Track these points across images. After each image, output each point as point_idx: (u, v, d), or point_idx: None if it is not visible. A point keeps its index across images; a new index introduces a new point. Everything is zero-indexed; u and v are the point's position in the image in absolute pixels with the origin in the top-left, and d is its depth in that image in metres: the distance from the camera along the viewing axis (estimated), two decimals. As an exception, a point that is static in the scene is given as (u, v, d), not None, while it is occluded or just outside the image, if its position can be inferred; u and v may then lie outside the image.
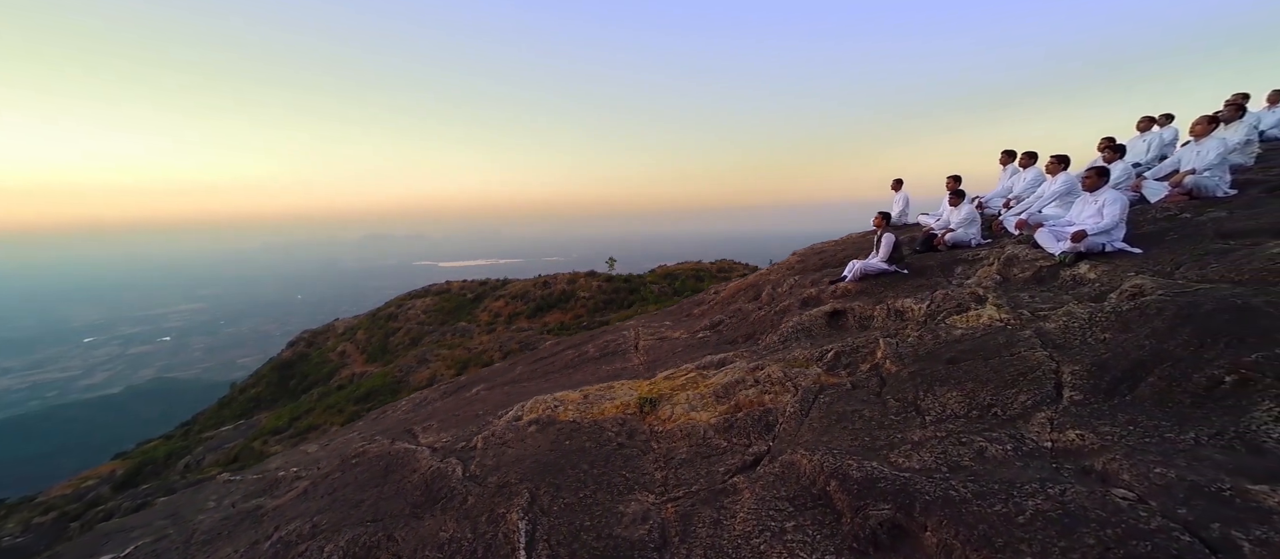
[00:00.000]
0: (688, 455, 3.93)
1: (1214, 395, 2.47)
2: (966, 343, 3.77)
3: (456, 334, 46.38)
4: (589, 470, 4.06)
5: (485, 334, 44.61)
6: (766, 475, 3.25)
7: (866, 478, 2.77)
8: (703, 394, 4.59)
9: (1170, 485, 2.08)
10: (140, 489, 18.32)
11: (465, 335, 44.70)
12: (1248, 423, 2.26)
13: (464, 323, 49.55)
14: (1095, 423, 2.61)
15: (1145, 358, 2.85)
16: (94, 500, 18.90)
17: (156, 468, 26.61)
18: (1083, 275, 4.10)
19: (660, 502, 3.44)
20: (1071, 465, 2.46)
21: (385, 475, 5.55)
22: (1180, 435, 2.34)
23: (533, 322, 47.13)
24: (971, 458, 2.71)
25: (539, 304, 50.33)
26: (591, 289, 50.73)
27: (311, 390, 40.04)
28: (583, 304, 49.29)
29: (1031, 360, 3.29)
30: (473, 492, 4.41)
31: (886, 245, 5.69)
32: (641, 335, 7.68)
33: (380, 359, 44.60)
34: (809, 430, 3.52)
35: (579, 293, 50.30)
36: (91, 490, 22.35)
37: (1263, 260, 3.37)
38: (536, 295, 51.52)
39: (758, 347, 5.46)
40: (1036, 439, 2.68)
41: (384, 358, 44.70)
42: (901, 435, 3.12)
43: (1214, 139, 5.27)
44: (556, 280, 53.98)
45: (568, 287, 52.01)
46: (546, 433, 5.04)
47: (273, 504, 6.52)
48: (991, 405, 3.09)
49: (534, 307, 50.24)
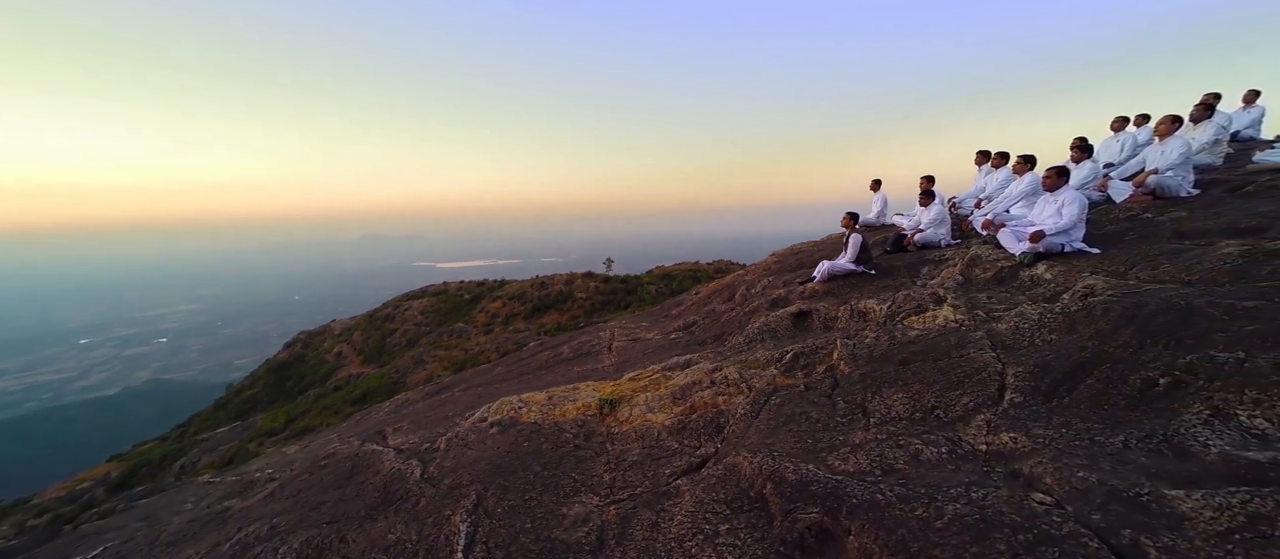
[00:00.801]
0: (639, 457, 3.89)
1: (1148, 398, 2.43)
2: (920, 344, 3.73)
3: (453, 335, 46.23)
4: (541, 472, 4.03)
5: (482, 335, 44.50)
6: (709, 478, 3.21)
7: (800, 481, 2.73)
8: (661, 396, 4.55)
9: (1090, 490, 2.03)
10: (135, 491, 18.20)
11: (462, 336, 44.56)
12: (1177, 426, 2.22)
13: (461, 324, 49.37)
14: (1030, 425, 2.57)
15: (1087, 359, 2.81)
16: (89, 502, 18.78)
17: (152, 469, 26.45)
18: (1040, 276, 4.06)
19: (604, 504, 3.40)
20: (1001, 469, 2.42)
21: (349, 477, 5.50)
22: (1110, 438, 2.30)
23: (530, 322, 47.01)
24: (906, 461, 2.66)
25: (536, 305, 50.14)
26: (589, 290, 50.63)
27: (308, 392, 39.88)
28: (580, 305, 49.17)
29: (979, 362, 3.25)
30: (426, 493, 4.38)
31: (854, 246, 5.65)
32: (617, 336, 7.64)
33: (377, 360, 44.44)
34: (756, 432, 3.47)
35: (576, 294, 50.18)
36: (86, 492, 22.21)
37: (1213, 260, 3.33)
38: (534, 296, 51.35)
39: (724, 347, 5.42)
40: (972, 442, 2.64)
41: (381, 359, 44.53)
42: (844, 438, 3.07)
43: (1177, 139, 5.23)
44: (554, 281, 53.88)
45: (565, 288, 51.90)
46: (507, 434, 5.00)
47: (241, 506, 6.48)
48: (935, 407, 3.05)
49: (531, 308, 50.05)
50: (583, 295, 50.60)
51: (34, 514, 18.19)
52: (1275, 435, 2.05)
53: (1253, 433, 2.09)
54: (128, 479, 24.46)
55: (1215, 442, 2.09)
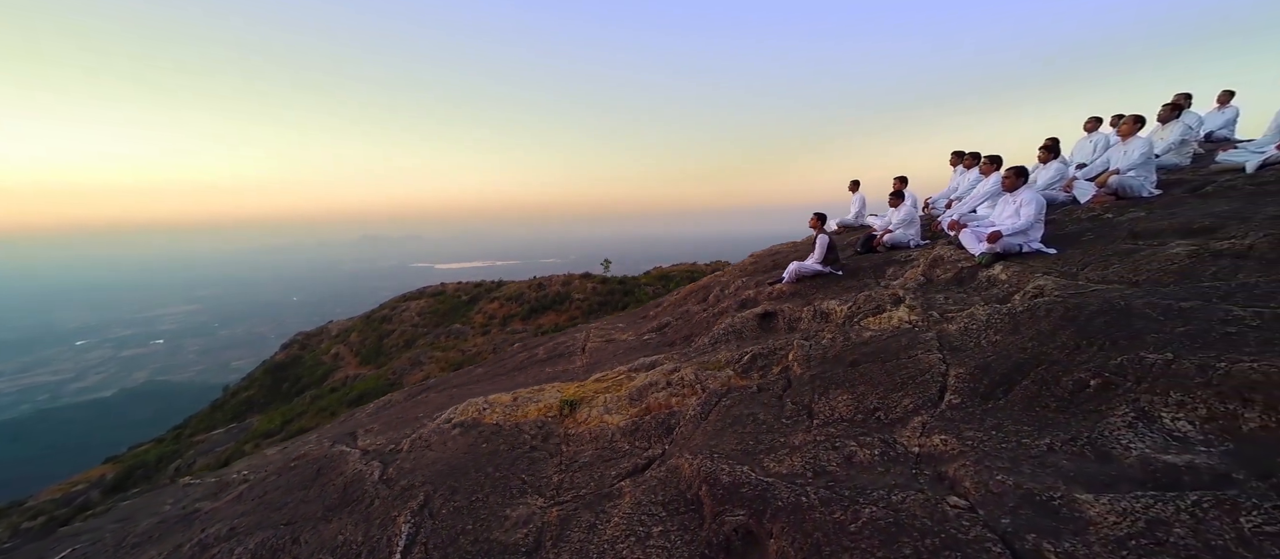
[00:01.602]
0: (590, 458, 3.86)
1: (1078, 400, 2.40)
2: (872, 345, 3.70)
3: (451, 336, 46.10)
4: (493, 473, 4.01)
5: (480, 336, 44.34)
6: (650, 480, 3.18)
7: (733, 483, 2.71)
8: (620, 397, 4.52)
9: (1005, 494, 2.01)
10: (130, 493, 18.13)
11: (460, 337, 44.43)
12: (1102, 428, 2.19)
13: (459, 325, 49.21)
14: (962, 427, 2.54)
15: (1025, 360, 2.78)
16: (84, 504, 18.69)
17: (148, 471, 26.35)
18: (996, 276, 4.03)
19: (547, 505, 3.38)
20: (929, 471, 2.39)
21: (315, 478, 5.48)
22: (1036, 441, 2.27)
23: (528, 324, 46.86)
24: (840, 463, 2.64)
25: (534, 306, 49.99)
26: (586, 291, 50.50)
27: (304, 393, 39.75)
28: (578, 306, 49.02)
29: (925, 363, 3.22)
30: (381, 495, 4.36)
31: (820, 247, 5.62)
32: (592, 337, 7.61)
33: (374, 361, 44.30)
34: (702, 434, 3.45)
35: (574, 295, 50.05)
36: (81, 494, 22.13)
37: (1162, 261, 3.30)
38: (531, 297, 51.21)
39: (689, 348, 5.39)
40: (906, 444, 2.61)
41: (378, 360, 44.40)
42: (784, 439, 3.05)
43: (1139, 139, 5.21)
44: (551, 282, 53.76)
45: (563, 289, 51.77)
46: (468, 435, 4.98)
47: (210, 507, 6.45)
48: (877, 409, 3.02)
49: (529, 308, 49.91)
50: (580, 297, 50.50)
51: (28, 516, 18.12)
52: (1196, 438, 2.02)
53: (1174, 436, 2.06)
54: (123, 481, 24.34)
55: (1136, 445, 2.06)
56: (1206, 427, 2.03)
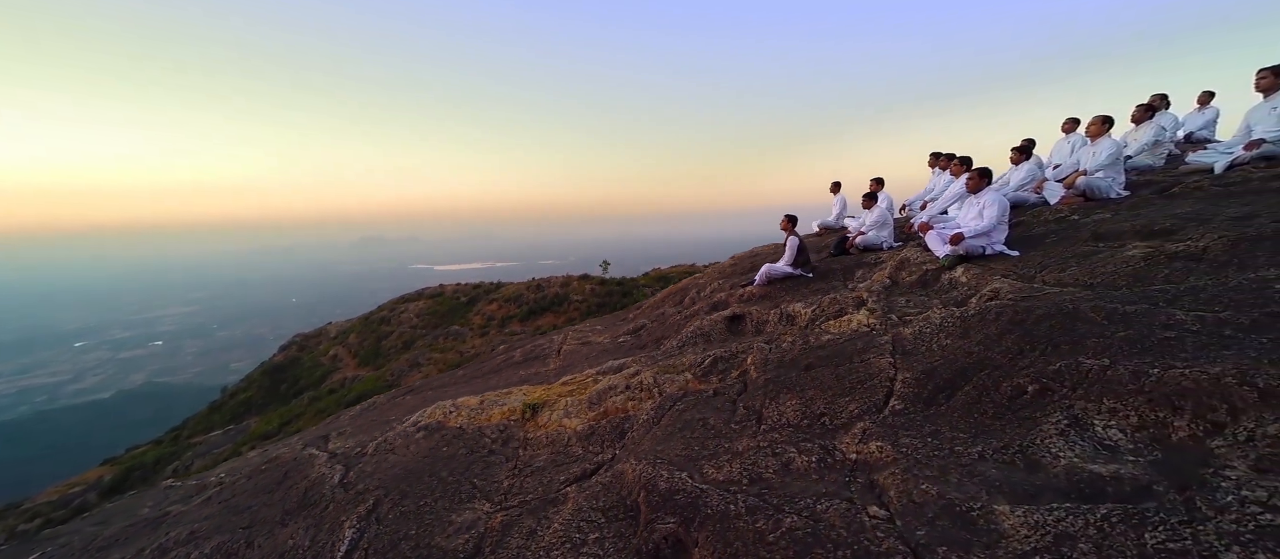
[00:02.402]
0: (544, 463, 3.82)
1: (1015, 406, 2.34)
2: (828, 349, 3.65)
3: (449, 337, 46.03)
4: (447, 477, 3.96)
5: (478, 337, 44.23)
6: (595, 485, 3.14)
7: (670, 490, 2.66)
8: (580, 401, 4.47)
9: (926, 504, 1.95)
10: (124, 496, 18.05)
11: (458, 339, 44.33)
12: (1034, 436, 2.14)
13: (457, 326, 49.17)
14: (900, 434, 2.48)
15: (970, 365, 2.73)
16: (80, 507, 18.65)
17: (145, 473, 26.27)
18: (957, 279, 3.98)
19: (493, 511, 3.33)
20: (862, 479, 2.34)
21: (281, 482, 5.44)
22: (969, 448, 2.22)
23: (526, 325, 46.77)
24: (776, 470, 2.58)
25: (532, 307, 49.95)
26: (584, 292, 50.45)
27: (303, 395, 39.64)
28: (576, 307, 48.96)
29: (876, 367, 3.17)
30: (336, 499, 4.32)
31: (790, 249, 5.57)
32: (568, 340, 7.56)
33: (372, 363, 44.22)
34: (651, 439, 3.39)
35: (572, 296, 50.01)
36: (78, 496, 22.08)
37: (1117, 263, 3.25)
38: (530, 299, 51.18)
39: (657, 351, 5.34)
40: (844, 451, 2.56)
41: (376, 362, 44.32)
42: (729, 445, 2.99)
43: (1108, 140, 5.15)
44: (550, 284, 53.72)
45: (561, 290, 51.72)
46: (431, 438, 4.94)
47: (180, 510, 6.39)
48: (823, 414, 2.97)
49: (527, 310, 49.87)
50: (579, 298, 50.47)
51: (25, 518, 18.10)
52: (1126, 447, 1.96)
53: (1105, 444, 2.01)
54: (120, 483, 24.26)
55: (1066, 454, 2.00)
56: (1137, 435, 1.97)
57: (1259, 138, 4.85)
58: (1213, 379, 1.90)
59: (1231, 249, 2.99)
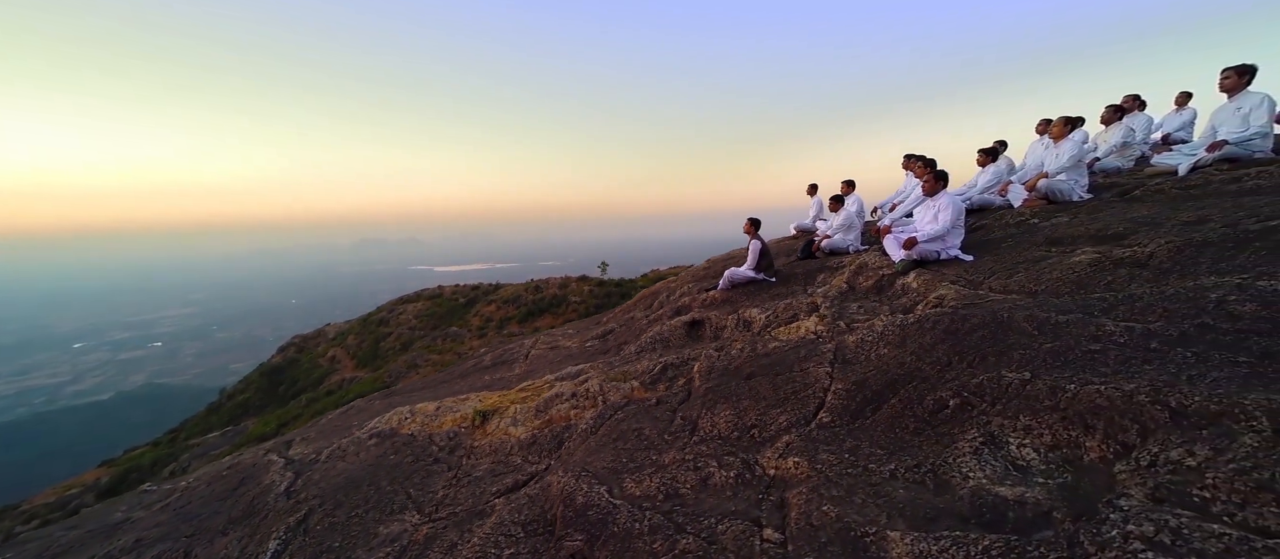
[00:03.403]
0: (483, 473, 3.72)
1: (936, 421, 2.24)
2: (773, 357, 3.55)
3: (447, 339, 45.83)
4: (385, 487, 3.88)
5: (476, 339, 44.02)
6: (522, 498, 3.05)
7: (585, 505, 2.57)
8: (529, 409, 4.38)
9: (823, 527, 1.86)
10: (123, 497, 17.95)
11: (456, 340, 44.15)
12: (948, 455, 2.04)
13: (455, 327, 48.99)
14: (819, 449, 2.39)
15: (900, 376, 2.63)
16: (77, 509, 18.52)
17: (143, 475, 26.15)
18: (908, 285, 3.87)
19: (421, 522, 3.24)
20: (774, 496, 2.24)
21: (235, 489, 5.35)
22: (883, 466, 2.12)
23: (524, 326, 46.55)
24: (694, 485, 2.49)
25: (530, 309, 49.73)
26: (583, 293, 50.25)
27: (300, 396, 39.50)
28: (574, 308, 48.71)
29: (813, 377, 3.07)
30: (276, 509, 4.24)
31: (753, 253, 5.46)
32: (538, 344, 7.46)
33: (371, 364, 44.04)
34: (584, 450, 3.30)
35: (571, 297, 49.80)
36: (76, 498, 21.98)
37: (1063, 269, 3.14)
38: (528, 300, 50.97)
39: (616, 357, 5.24)
40: (764, 466, 2.46)
41: (374, 363, 44.13)
42: (657, 457, 2.90)
43: (1070, 141, 5.04)
44: (548, 285, 53.54)
45: (560, 291, 51.55)
46: (382, 446, 4.86)
47: (138, 516, 6.29)
48: (753, 426, 2.87)
49: (525, 311, 49.64)
50: (577, 299, 50.31)
51: (23, 520, 18.02)
52: (1037, 468, 1.86)
53: (1017, 464, 1.91)
54: (118, 485, 24.15)
55: (975, 474, 1.90)
56: (1050, 456, 1.87)
57: (1221, 139, 4.74)
58: (1126, 397, 1.80)
59: (1176, 255, 2.89)
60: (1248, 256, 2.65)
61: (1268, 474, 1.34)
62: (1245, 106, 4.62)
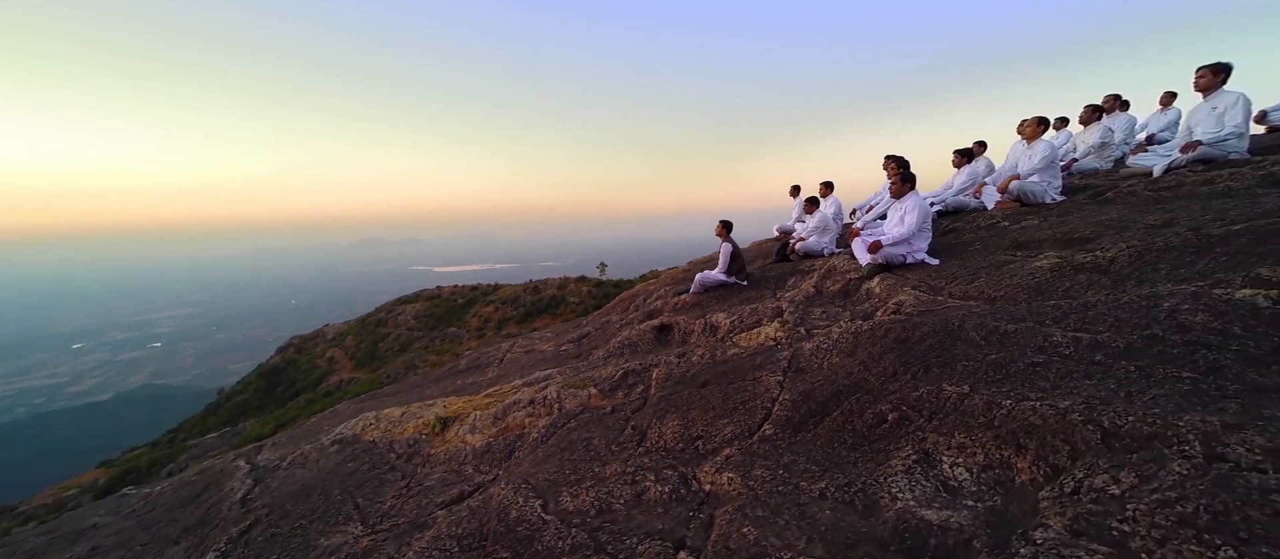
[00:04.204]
0: (434, 482, 3.63)
1: (874, 436, 2.15)
2: (730, 364, 3.46)
3: (446, 339, 45.78)
4: (336, 496, 3.79)
5: (474, 339, 43.92)
6: (463, 510, 2.95)
7: (516, 520, 2.48)
8: (488, 415, 4.28)
9: (738, 551, 1.78)
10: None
11: (455, 341, 44.06)
12: (881, 473, 1.95)
13: (454, 328, 48.95)
14: (756, 464, 2.29)
15: (846, 387, 2.53)
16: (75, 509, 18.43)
17: (140, 476, 26.07)
18: (872, 289, 3.77)
19: (363, 534, 3.15)
20: (704, 515, 2.15)
21: (199, 495, 5.27)
22: (814, 484, 2.02)
23: (522, 327, 46.43)
24: (628, 501, 2.39)
25: (529, 309, 49.66)
26: (581, 294, 50.17)
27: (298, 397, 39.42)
28: (572, 309, 48.61)
29: (764, 386, 2.98)
30: (227, 518, 4.16)
31: (724, 256, 5.36)
32: (515, 348, 7.37)
33: (369, 365, 43.98)
34: (532, 460, 3.21)
35: (569, 298, 49.73)
36: (73, 499, 21.92)
37: (1023, 275, 3.04)
38: (527, 300, 50.91)
39: (583, 362, 5.14)
40: (701, 481, 2.36)
41: (373, 364, 44.07)
42: (599, 469, 2.80)
43: (1043, 142, 4.93)
44: (547, 286, 53.48)
45: (558, 292, 51.49)
46: (342, 453, 4.78)
47: (106, 521, 6.20)
48: (699, 437, 2.78)
49: (524, 312, 49.58)
50: (575, 300, 50.23)
51: (20, 521, 17.96)
52: (969, 490, 1.76)
53: (948, 485, 1.81)
54: (115, 485, 24.06)
55: (904, 495, 1.80)
56: (982, 476, 1.77)
57: (1196, 139, 4.63)
58: (1059, 415, 1.70)
59: (1137, 260, 2.79)
60: (1207, 263, 2.55)
61: (1191, 508, 1.24)
62: (1220, 106, 4.52)
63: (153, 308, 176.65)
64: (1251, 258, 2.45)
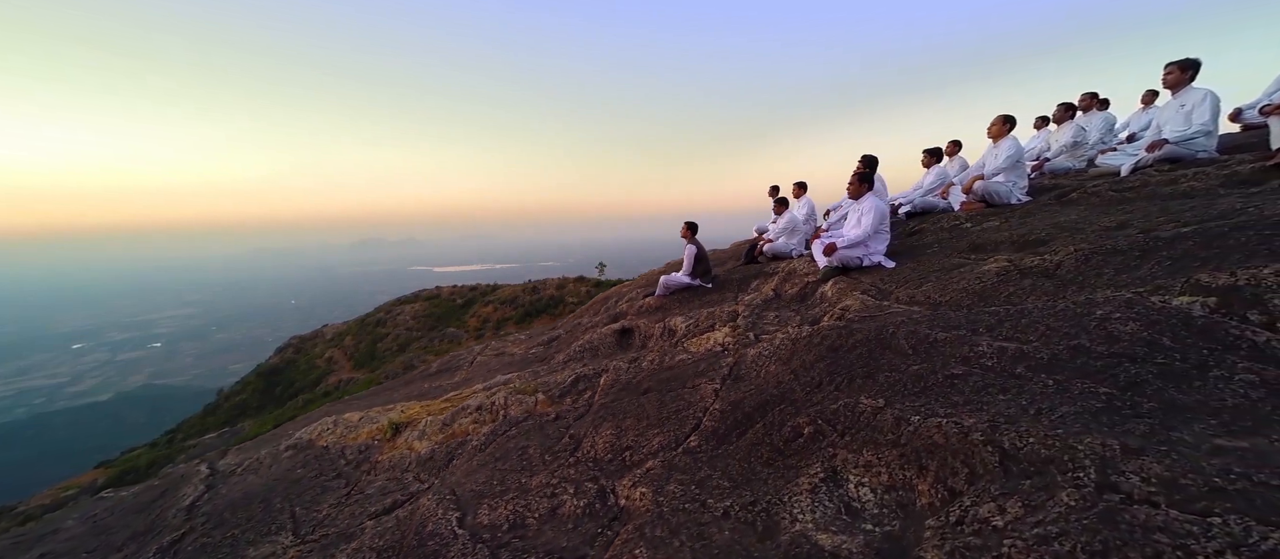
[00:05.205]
0: (374, 491, 3.55)
1: (789, 450, 2.05)
2: (675, 371, 3.36)
3: (444, 340, 45.67)
4: (275, 504, 3.72)
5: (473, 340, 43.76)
6: (391, 520, 2.88)
7: (430, 533, 2.41)
8: (437, 421, 4.19)
9: None
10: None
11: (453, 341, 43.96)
12: (787, 491, 1.85)
13: (452, 328, 48.86)
14: (672, 479, 2.20)
15: (773, 397, 2.44)
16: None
17: (138, 476, 26.01)
18: (825, 293, 3.67)
19: (292, 545, 3.07)
20: (609, 532, 2.06)
21: (156, 501, 5.18)
22: (721, 502, 1.93)
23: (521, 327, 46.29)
24: (542, 515, 2.31)
25: (528, 309, 49.52)
26: (580, 295, 50.00)
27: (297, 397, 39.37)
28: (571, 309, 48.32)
29: (701, 394, 2.88)
30: (169, 525, 4.09)
31: (688, 258, 5.26)
32: (487, 350, 7.28)
33: (368, 365, 43.90)
34: (466, 468, 3.12)
35: (568, 298, 49.57)
36: (71, 499, 21.85)
37: (971, 279, 2.94)
38: (525, 301, 50.78)
39: (543, 366, 5.05)
40: (617, 496, 2.28)
41: (371, 364, 43.99)
42: (526, 480, 2.71)
43: (1008, 141, 4.82)
44: (546, 286, 53.37)
45: (557, 292, 51.37)
46: (294, 458, 4.70)
47: (69, 526, 6.12)
48: (628, 447, 2.69)
49: (522, 312, 49.44)
50: (574, 300, 50.08)
51: (19, 521, 17.91)
52: (870, 512, 1.66)
53: (850, 506, 1.71)
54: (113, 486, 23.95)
55: (805, 516, 1.71)
56: (885, 498, 1.68)
57: (1162, 138, 4.51)
58: (962, 434, 1.60)
59: (1083, 264, 2.69)
60: (1151, 267, 2.45)
61: (1069, 546, 1.14)
62: (1188, 103, 4.40)
63: (153, 308, 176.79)
64: (1195, 262, 2.34)
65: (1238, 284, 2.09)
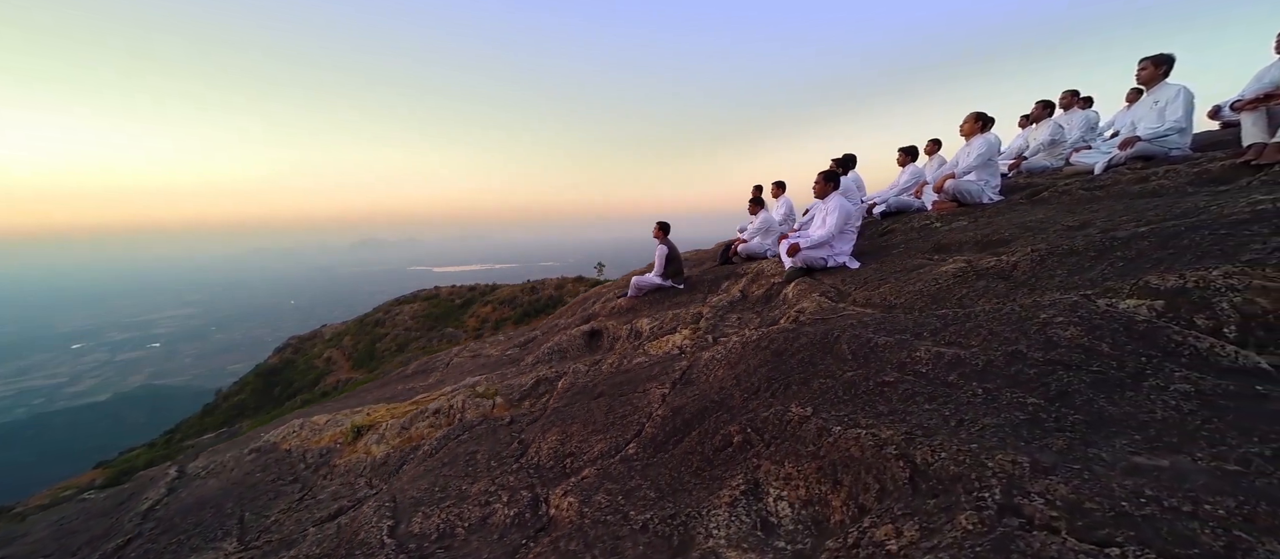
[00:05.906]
0: (325, 496, 3.49)
1: (718, 459, 1.99)
2: (630, 374, 3.30)
3: (443, 340, 45.71)
4: (227, 509, 3.67)
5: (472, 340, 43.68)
6: (332, 527, 2.83)
7: (360, 542, 2.39)
8: (397, 425, 4.13)
9: None
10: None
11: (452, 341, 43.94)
12: (708, 504, 1.79)
13: (451, 328, 48.88)
14: (601, 488, 2.14)
15: (712, 403, 2.37)
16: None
17: None
18: (787, 294, 3.60)
19: (236, 552, 3.02)
20: (533, 545, 1.98)
21: (120, 505, 5.12)
22: (643, 514, 1.86)
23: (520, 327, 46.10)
24: (472, 524, 2.25)
25: (526, 309, 49.56)
26: (579, 294, 49.59)
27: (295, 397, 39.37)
28: (570, 311, 48.12)
29: (649, 399, 2.82)
30: (125, 530, 4.03)
31: (659, 259, 5.19)
32: (465, 351, 7.22)
33: (366, 365, 43.94)
34: (413, 474, 3.07)
35: (567, 298, 49.44)
36: (68, 500, 21.84)
37: (927, 281, 2.87)
38: (524, 301, 50.81)
39: (512, 368, 4.98)
40: (549, 505, 2.21)
41: (370, 364, 44.02)
42: (467, 487, 2.65)
43: (981, 140, 4.73)
44: (545, 286, 53.38)
45: (556, 292, 51.39)
46: (257, 461, 4.65)
47: (38, 530, 6.06)
48: (571, 454, 2.62)
49: (521, 312, 49.47)
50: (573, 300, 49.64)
51: (17, 521, 17.91)
52: (786, 529, 1.59)
53: (766, 521, 1.64)
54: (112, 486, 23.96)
55: (720, 532, 1.64)
56: (802, 512, 1.61)
57: (1134, 135, 4.43)
58: (877, 447, 1.53)
59: (1038, 265, 2.61)
60: (1104, 268, 2.37)
61: (956, 579, 1.06)
62: (1161, 99, 4.31)
63: (152, 308, 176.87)
64: (1147, 263, 2.27)
65: (1186, 286, 2.01)
